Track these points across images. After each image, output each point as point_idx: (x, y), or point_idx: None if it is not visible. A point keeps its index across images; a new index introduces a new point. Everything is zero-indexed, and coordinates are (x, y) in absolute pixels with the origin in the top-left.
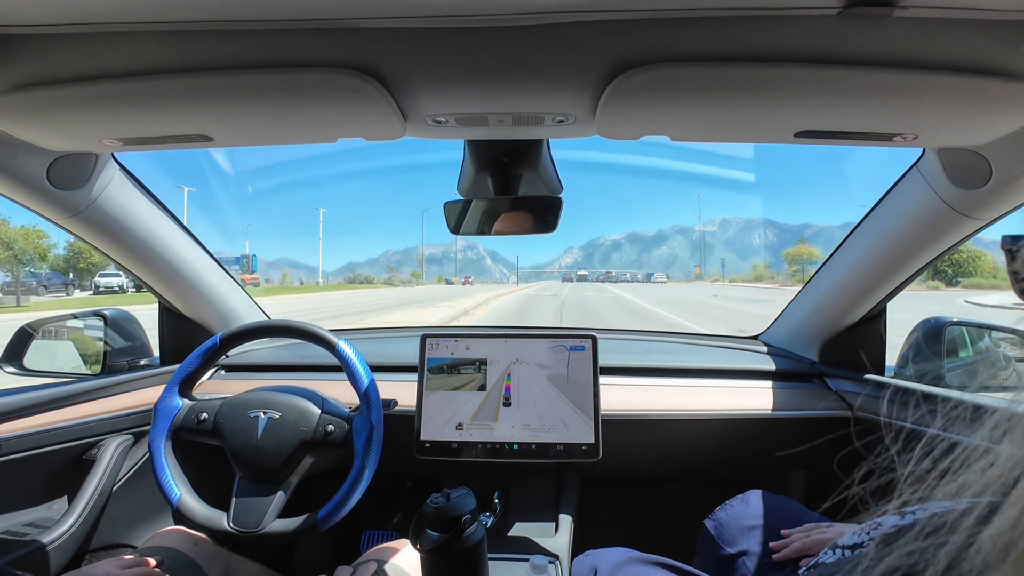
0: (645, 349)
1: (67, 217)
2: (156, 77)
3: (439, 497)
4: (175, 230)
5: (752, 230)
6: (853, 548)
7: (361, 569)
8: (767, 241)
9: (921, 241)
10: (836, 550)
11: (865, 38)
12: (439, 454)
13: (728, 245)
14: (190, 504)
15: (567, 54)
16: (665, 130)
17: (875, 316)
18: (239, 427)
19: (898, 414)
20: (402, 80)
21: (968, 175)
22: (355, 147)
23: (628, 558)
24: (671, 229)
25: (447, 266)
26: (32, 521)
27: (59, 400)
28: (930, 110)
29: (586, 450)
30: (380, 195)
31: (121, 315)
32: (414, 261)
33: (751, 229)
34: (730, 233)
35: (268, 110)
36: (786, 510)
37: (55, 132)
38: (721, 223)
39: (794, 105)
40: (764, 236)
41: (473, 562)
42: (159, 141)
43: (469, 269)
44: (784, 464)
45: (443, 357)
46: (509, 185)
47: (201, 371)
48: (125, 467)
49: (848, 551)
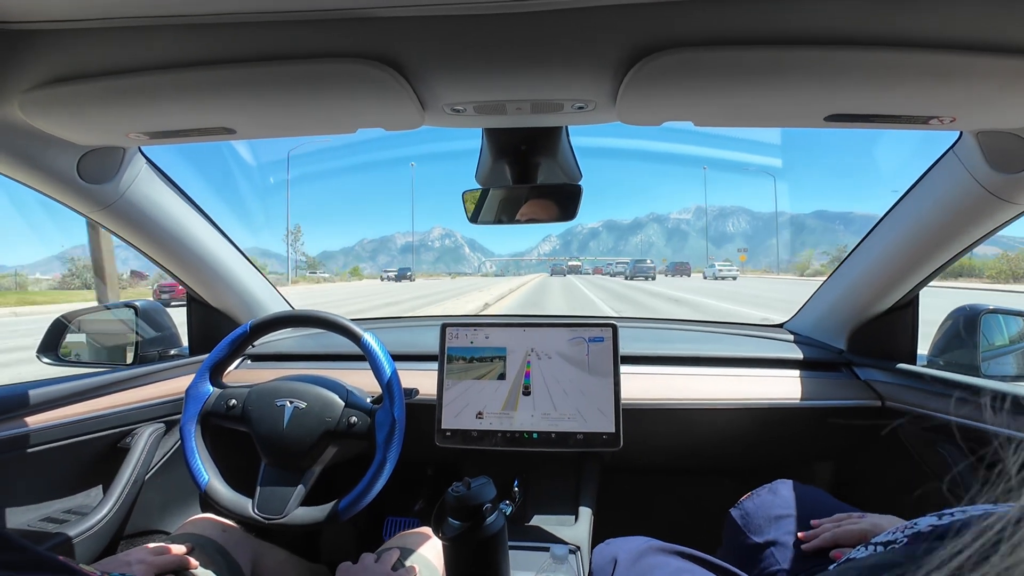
0: (667, 338)
1: (97, 210)
2: (180, 70)
3: (460, 486)
4: (201, 222)
5: (727, 218)
6: (886, 545)
7: (385, 556)
8: (740, 229)
9: (957, 227)
10: (870, 546)
11: (900, 17)
12: (459, 442)
13: (702, 233)
14: (217, 488)
15: (587, 39)
16: (688, 115)
17: (907, 304)
18: (266, 415)
19: (933, 405)
20: (420, 69)
21: (1008, 159)
22: (332, 143)
23: (649, 547)
24: (647, 217)
25: (424, 254)
26: (71, 508)
27: (94, 390)
28: (969, 92)
29: (606, 439)
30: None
31: (152, 306)
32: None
33: (725, 217)
34: (704, 221)
35: (288, 102)
36: (815, 500)
37: (84, 127)
38: (696, 211)
39: (824, 88)
40: (737, 224)
41: (494, 551)
42: (183, 134)
43: (447, 258)
44: (810, 454)
45: (463, 346)
46: (528, 173)
47: (231, 358)
48: (157, 455)
49: (881, 547)
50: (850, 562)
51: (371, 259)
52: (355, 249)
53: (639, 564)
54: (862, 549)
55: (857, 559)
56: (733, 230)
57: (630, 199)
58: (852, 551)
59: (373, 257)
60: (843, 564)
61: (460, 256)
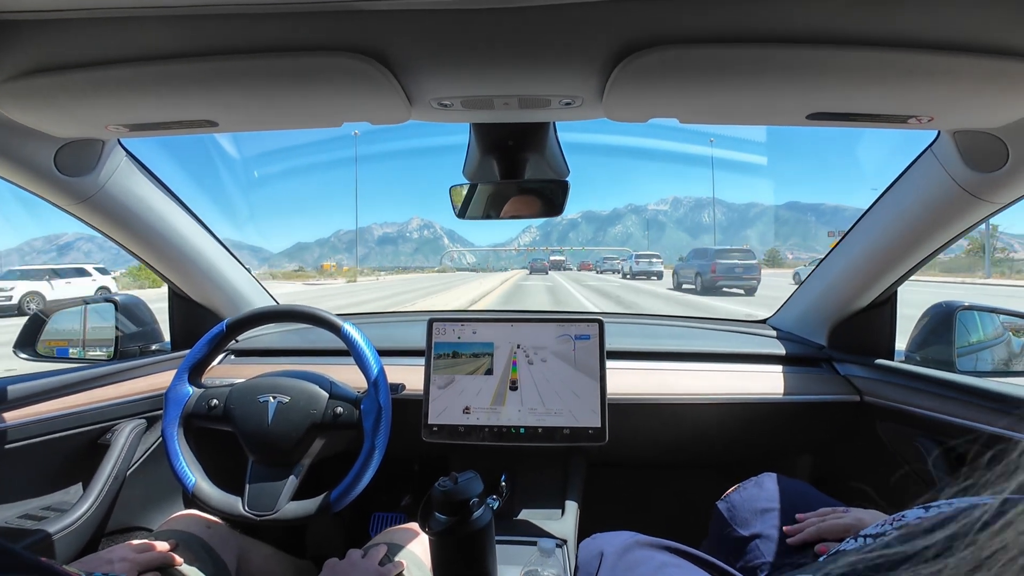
0: (652, 333)
1: (75, 203)
2: (161, 62)
3: (447, 481)
4: (182, 215)
5: (703, 209)
6: (876, 537)
7: (372, 551)
8: (716, 220)
9: (934, 225)
10: (859, 538)
11: (880, 18)
12: (446, 437)
13: (678, 224)
14: (205, 490)
15: (574, 35)
16: (674, 112)
17: (885, 301)
18: (249, 412)
19: (909, 400)
20: (407, 63)
21: (984, 158)
22: (314, 135)
23: (635, 542)
24: (625, 208)
25: (402, 245)
26: (50, 505)
27: (73, 385)
28: (946, 91)
29: (592, 434)
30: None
31: (132, 301)
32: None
33: (701, 208)
34: (681, 212)
35: (273, 95)
36: (801, 494)
37: (61, 119)
38: (672, 202)
39: (807, 87)
40: (713, 215)
41: (481, 545)
42: (165, 127)
43: (426, 249)
44: (791, 448)
45: (450, 341)
46: (515, 169)
47: (210, 358)
48: (139, 451)
49: (871, 539)
50: (840, 554)
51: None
52: (331, 240)
53: (625, 558)
54: (851, 541)
55: (847, 551)
56: (708, 221)
57: (609, 190)
58: (841, 544)
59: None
60: (833, 555)
61: (439, 247)
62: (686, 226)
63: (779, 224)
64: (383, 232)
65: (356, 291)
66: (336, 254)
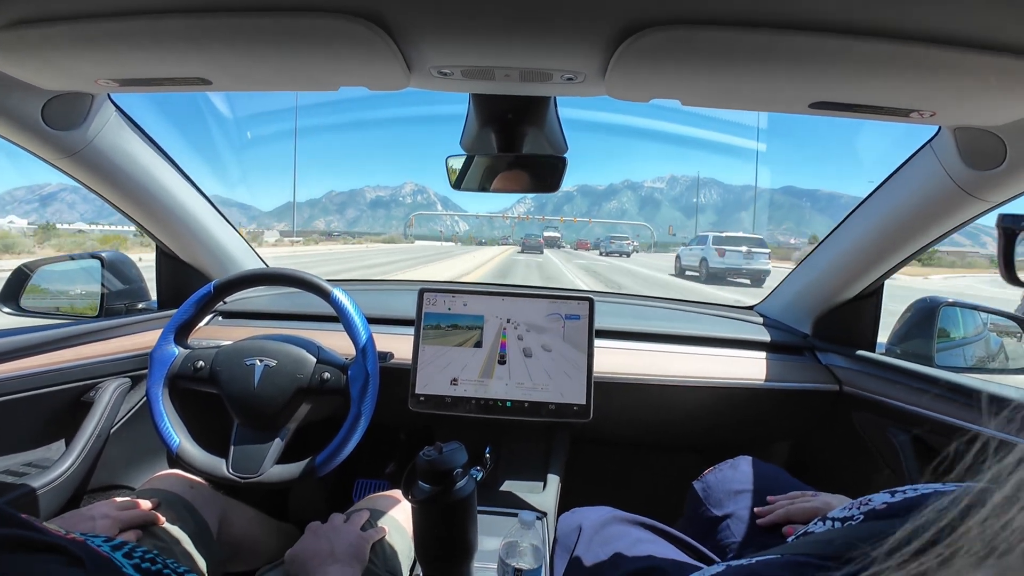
0: (641, 314)
1: (62, 158)
2: (155, 17)
3: (431, 450)
4: (172, 174)
5: (700, 188)
6: (843, 521)
7: (354, 517)
8: (711, 201)
9: (926, 220)
10: (827, 521)
11: (890, 9)
12: (433, 407)
13: (674, 203)
14: (189, 451)
15: (580, 9)
16: (677, 94)
17: (871, 293)
18: (235, 375)
19: (886, 391)
20: (408, 29)
21: (982, 156)
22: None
23: (612, 517)
24: (622, 184)
25: (395, 210)
26: (31, 461)
27: (57, 341)
28: (950, 87)
29: (577, 411)
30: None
31: (119, 258)
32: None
33: (698, 187)
34: (677, 191)
35: (270, 55)
36: (773, 477)
37: (50, 71)
38: (669, 180)
39: (811, 74)
40: (709, 196)
41: (462, 515)
42: (156, 83)
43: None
44: (770, 434)
45: (440, 312)
46: (513, 142)
47: (196, 319)
48: (123, 410)
49: (838, 523)
50: (808, 536)
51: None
52: (322, 201)
53: (602, 533)
54: (819, 524)
55: (815, 533)
56: (704, 201)
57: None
58: (809, 526)
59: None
60: (800, 537)
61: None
62: (681, 205)
63: (773, 208)
64: (376, 195)
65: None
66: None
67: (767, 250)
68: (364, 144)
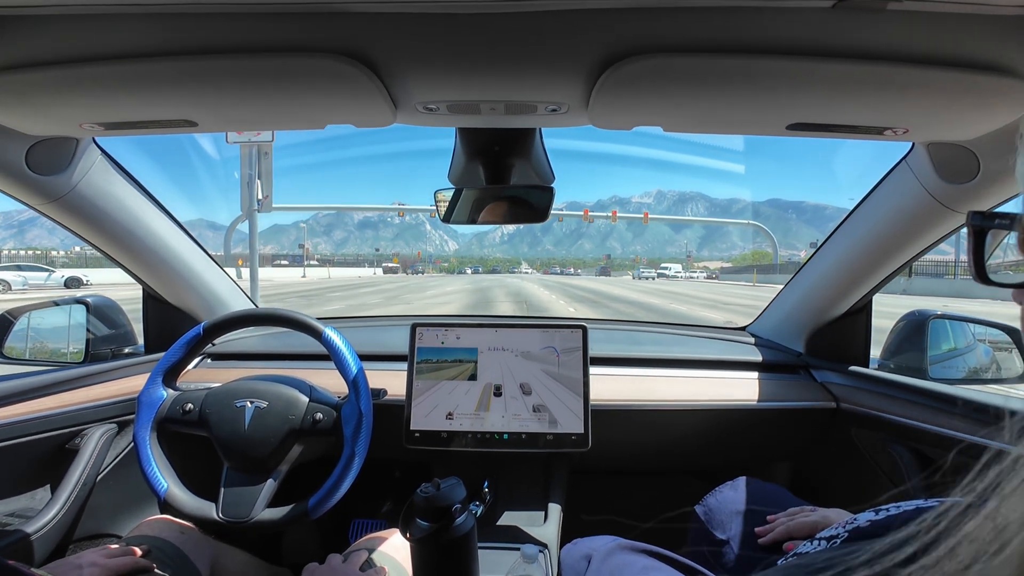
0: (634, 339)
1: (46, 203)
2: (139, 61)
3: (429, 487)
4: (158, 215)
5: (686, 203)
6: (830, 540)
7: (353, 557)
8: (698, 213)
9: (907, 235)
10: (816, 541)
11: (859, 31)
12: (429, 444)
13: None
14: (178, 495)
15: (561, 42)
16: (658, 120)
17: (860, 309)
18: (225, 417)
19: (883, 406)
20: (393, 66)
21: (956, 170)
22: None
23: (616, 546)
24: (610, 200)
25: (383, 231)
26: (15, 511)
27: (40, 388)
28: (921, 104)
29: (575, 440)
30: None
31: (104, 302)
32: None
33: (684, 202)
34: (665, 205)
35: (255, 96)
36: (774, 496)
37: (34, 116)
38: (656, 195)
39: (787, 97)
40: (696, 210)
41: (463, 551)
42: (142, 126)
43: (408, 235)
44: (770, 454)
45: (433, 347)
46: (501, 174)
47: (185, 361)
48: (109, 456)
49: (824, 542)
50: (798, 556)
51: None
52: (309, 223)
53: (608, 562)
54: (808, 544)
55: (804, 553)
56: (692, 214)
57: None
58: (799, 547)
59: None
60: (791, 559)
61: (421, 233)
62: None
63: (760, 220)
64: (363, 216)
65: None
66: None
67: (679, 265)
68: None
